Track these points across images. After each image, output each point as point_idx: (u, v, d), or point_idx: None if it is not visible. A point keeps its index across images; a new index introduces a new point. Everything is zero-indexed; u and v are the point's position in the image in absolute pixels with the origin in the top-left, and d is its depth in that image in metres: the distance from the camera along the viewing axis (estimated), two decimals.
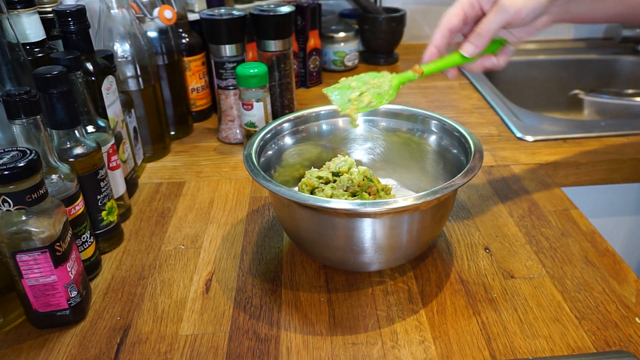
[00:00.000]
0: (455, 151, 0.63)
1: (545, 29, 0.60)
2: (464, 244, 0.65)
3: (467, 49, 0.58)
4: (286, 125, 0.67)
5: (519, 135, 0.92)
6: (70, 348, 0.52)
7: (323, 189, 0.62)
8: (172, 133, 0.93)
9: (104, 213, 0.63)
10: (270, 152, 0.64)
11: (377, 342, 0.52)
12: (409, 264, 0.62)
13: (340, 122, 0.70)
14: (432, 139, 0.67)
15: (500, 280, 0.59)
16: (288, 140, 0.67)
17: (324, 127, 0.70)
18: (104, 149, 0.64)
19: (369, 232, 0.54)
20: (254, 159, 0.58)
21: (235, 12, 0.87)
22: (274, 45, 0.90)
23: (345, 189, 0.62)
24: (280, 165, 0.66)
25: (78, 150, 0.59)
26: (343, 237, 0.55)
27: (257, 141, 0.62)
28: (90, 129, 0.63)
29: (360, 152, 0.71)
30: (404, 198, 0.50)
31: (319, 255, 0.60)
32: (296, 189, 0.65)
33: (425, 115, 0.67)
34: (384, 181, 0.69)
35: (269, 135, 0.64)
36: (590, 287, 0.58)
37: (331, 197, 0.61)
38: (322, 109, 0.69)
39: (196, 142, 0.94)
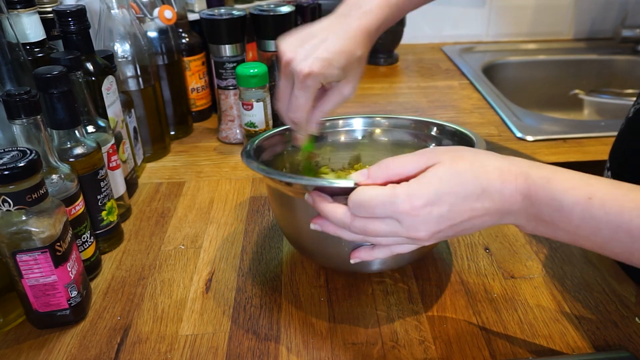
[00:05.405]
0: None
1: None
2: (464, 244, 0.65)
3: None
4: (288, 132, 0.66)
5: (519, 135, 0.92)
6: (71, 348, 0.52)
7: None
8: (172, 133, 0.93)
9: (104, 213, 0.63)
10: (269, 156, 0.63)
11: (377, 342, 0.52)
12: (409, 264, 0.62)
13: (343, 137, 0.68)
14: (434, 143, 0.65)
15: (500, 280, 0.59)
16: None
17: (330, 139, 0.68)
18: (104, 149, 0.64)
19: None
20: (251, 153, 0.58)
21: (235, 12, 0.87)
22: (274, 45, 0.90)
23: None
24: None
25: (78, 150, 0.59)
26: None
27: (257, 141, 0.61)
28: (90, 129, 0.64)
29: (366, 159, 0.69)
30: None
31: (320, 256, 0.60)
32: None
33: (427, 122, 0.65)
34: None
35: (270, 139, 0.64)
36: (590, 287, 0.58)
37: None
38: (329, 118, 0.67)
39: (196, 142, 0.94)
